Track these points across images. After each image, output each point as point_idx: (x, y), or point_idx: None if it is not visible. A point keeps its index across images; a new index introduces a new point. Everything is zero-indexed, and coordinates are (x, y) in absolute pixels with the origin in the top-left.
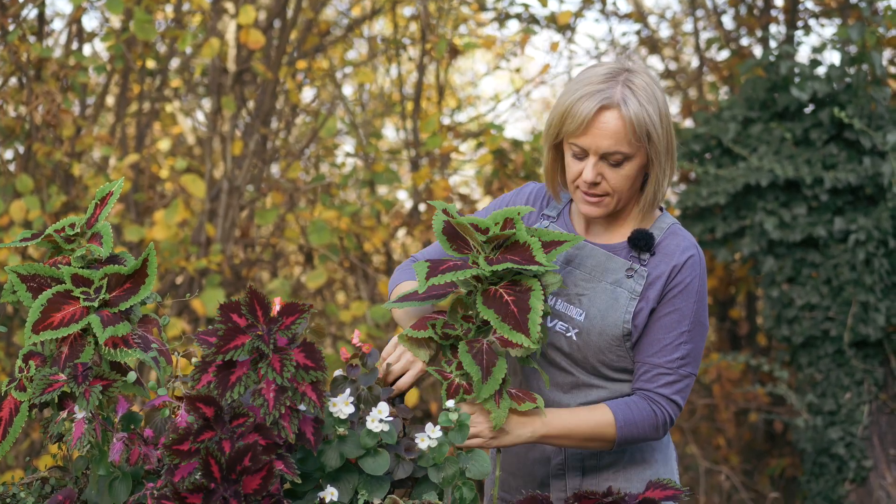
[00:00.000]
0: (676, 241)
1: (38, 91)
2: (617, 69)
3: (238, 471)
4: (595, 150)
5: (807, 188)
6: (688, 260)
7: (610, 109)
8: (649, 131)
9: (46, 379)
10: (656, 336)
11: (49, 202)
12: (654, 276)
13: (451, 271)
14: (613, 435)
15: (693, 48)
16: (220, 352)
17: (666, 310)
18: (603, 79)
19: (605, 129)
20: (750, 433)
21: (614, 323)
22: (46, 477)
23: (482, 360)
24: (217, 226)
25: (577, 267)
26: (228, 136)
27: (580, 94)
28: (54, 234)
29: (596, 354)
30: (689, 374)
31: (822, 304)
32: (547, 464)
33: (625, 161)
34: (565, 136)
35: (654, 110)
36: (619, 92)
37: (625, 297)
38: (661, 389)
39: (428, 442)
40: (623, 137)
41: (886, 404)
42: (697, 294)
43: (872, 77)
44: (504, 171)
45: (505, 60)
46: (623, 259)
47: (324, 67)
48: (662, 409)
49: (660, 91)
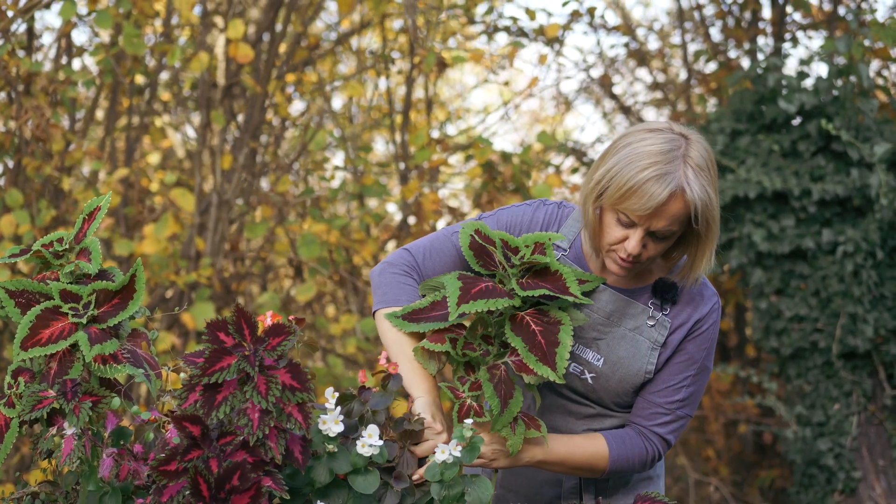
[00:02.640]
0: (700, 289)
1: (28, 105)
2: (675, 140)
3: (227, 490)
4: (647, 227)
5: (795, 200)
6: (710, 311)
7: (676, 195)
8: (708, 216)
9: (36, 395)
10: (662, 377)
11: (39, 216)
12: (677, 324)
13: (484, 298)
14: (605, 467)
15: (681, 60)
16: (205, 374)
17: (678, 354)
18: (665, 155)
19: (668, 212)
20: (739, 444)
21: (636, 372)
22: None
23: (501, 390)
24: (206, 239)
25: (594, 310)
26: (218, 150)
27: (648, 175)
28: (42, 250)
29: (612, 397)
30: (686, 415)
31: (810, 315)
32: (558, 486)
33: (672, 236)
34: (620, 206)
35: (713, 191)
36: (683, 173)
37: (646, 347)
38: (656, 428)
39: (446, 456)
40: (681, 219)
41: (875, 415)
42: (710, 341)
43: (860, 89)
44: (493, 183)
45: (493, 73)
46: (643, 305)
47: (313, 81)
48: (654, 446)
49: (712, 161)
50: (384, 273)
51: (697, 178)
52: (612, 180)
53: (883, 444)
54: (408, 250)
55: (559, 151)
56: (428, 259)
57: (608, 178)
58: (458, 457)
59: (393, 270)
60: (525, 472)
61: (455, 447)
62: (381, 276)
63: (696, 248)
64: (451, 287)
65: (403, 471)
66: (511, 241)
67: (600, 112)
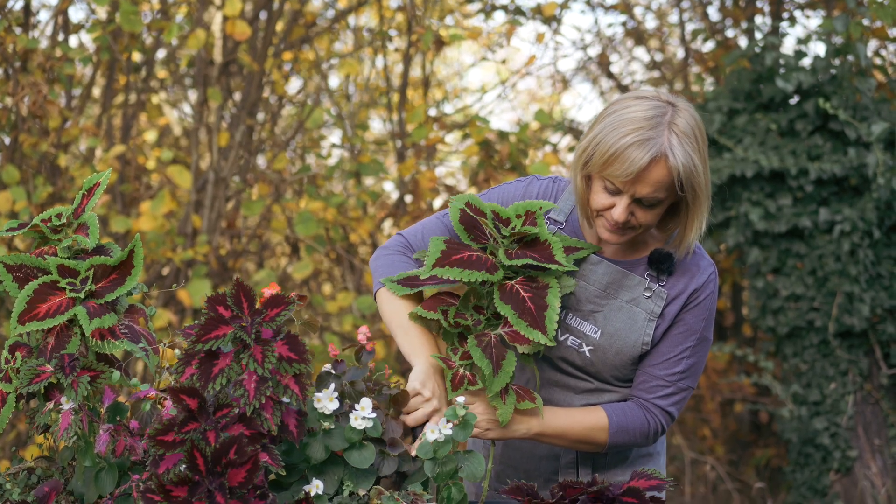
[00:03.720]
0: (695, 259)
1: (25, 82)
2: (661, 107)
3: (223, 463)
4: (633, 194)
5: (792, 179)
6: (706, 281)
7: (658, 160)
8: (693, 183)
9: (33, 370)
10: (661, 349)
11: (35, 193)
12: (673, 295)
13: (461, 267)
14: (605, 440)
15: (678, 39)
16: (200, 340)
17: (676, 325)
18: (649, 121)
19: (650, 178)
20: (735, 424)
21: (633, 344)
22: (33, 467)
23: (492, 353)
24: (203, 217)
25: (591, 283)
26: (215, 128)
27: (630, 141)
28: (41, 224)
29: (609, 370)
30: (688, 387)
31: (807, 294)
32: (556, 460)
33: (657, 204)
34: (604, 173)
35: (699, 159)
36: (667, 139)
37: (642, 318)
38: (658, 400)
39: (436, 436)
40: (665, 186)
41: (871, 394)
42: (708, 311)
43: (857, 68)
44: (490, 162)
45: (491, 52)
46: (639, 276)
47: (310, 59)
48: (656, 419)
49: (700, 130)
50: (379, 257)
51: (681, 145)
52: (597, 147)
53: (879, 423)
54: (401, 234)
55: (556, 130)
56: (421, 241)
57: (593, 145)
58: (449, 435)
59: (387, 252)
60: (523, 446)
61: (446, 425)
62: (376, 261)
63: (686, 217)
64: (433, 247)
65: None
66: (502, 212)
67: (597, 91)
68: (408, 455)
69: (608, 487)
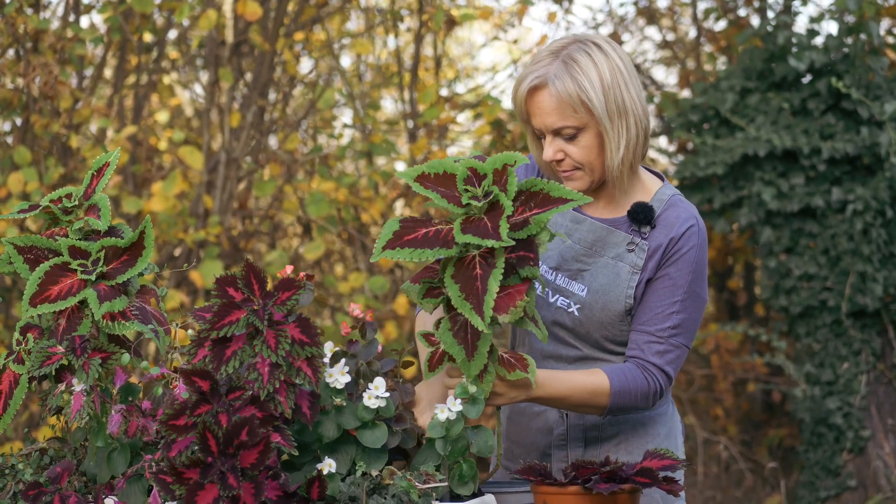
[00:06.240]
0: (676, 212)
1: (36, 63)
2: (563, 44)
3: (235, 445)
4: (545, 129)
5: (804, 158)
6: (686, 231)
7: (540, 89)
8: (583, 100)
9: (45, 352)
10: (648, 304)
11: (47, 174)
12: (654, 247)
13: (411, 247)
14: (606, 402)
15: (691, 18)
16: (214, 328)
17: (661, 279)
18: (545, 57)
19: (541, 108)
20: (748, 403)
21: (617, 298)
22: (45, 448)
23: (466, 337)
24: (215, 197)
25: (578, 242)
26: (226, 108)
27: (518, 78)
28: (52, 206)
29: (599, 329)
30: (681, 344)
31: (819, 274)
32: (549, 434)
33: (578, 134)
34: (522, 121)
35: (589, 79)
36: (554, 69)
37: (626, 272)
38: (653, 358)
39: (447, 414)
40: (562, 112)
41: (884, 374)
42: (694, 264)
43: (870, 47)
44: (502, 141)
45: (503, 31)
46: (624, 233)
47: (321, 39)
48: (654, 378)
49: (605, 57)
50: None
51: (567, 70)
52: None
53: (892, 403)
54: None
55: None
56: None
57: None
58: (460, 412)
59: None
60: (521, 420)
61: (455, 403)
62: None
63: (608, 140)
64: (386, 228)
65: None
66: (480, 168)
67: None
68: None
69: (621, 467)
